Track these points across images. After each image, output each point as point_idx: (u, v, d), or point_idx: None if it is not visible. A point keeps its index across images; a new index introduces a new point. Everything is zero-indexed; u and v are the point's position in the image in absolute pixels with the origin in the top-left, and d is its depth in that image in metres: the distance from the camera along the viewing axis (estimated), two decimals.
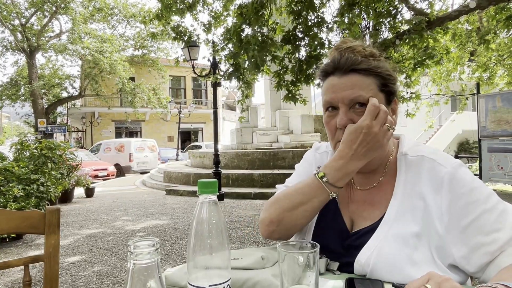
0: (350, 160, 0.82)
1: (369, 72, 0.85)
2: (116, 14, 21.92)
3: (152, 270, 0.45)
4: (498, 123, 7.19)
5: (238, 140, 11.56)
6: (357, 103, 0.84)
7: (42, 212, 1.12)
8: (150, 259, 0.45)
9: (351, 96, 0.84)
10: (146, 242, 0.45)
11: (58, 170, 6.41)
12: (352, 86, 0.84)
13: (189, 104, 25.33)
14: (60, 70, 22.91)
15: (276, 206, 0.91)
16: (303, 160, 1.10)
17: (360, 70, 0.85)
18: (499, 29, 7.47)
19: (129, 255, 0.44)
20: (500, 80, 10.13)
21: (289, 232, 0.91)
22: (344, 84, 0.85)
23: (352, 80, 0.85)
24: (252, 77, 5.66)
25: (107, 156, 17.27)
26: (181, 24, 6.93)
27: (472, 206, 0.76)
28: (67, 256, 4.04)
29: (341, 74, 0.86)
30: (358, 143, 0.80)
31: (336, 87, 0.86)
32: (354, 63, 0.85)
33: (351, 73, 0.85)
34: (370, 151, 0.81)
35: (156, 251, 0.45)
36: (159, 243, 0.45)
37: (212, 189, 0.60)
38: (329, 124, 0.89)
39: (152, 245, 0.45)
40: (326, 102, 0.88)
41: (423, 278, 0.59)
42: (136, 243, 0.45)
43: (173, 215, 6.21)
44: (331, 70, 0.88)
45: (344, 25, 5.22)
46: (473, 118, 8.85)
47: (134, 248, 0.44)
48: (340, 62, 0.86)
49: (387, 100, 0.88)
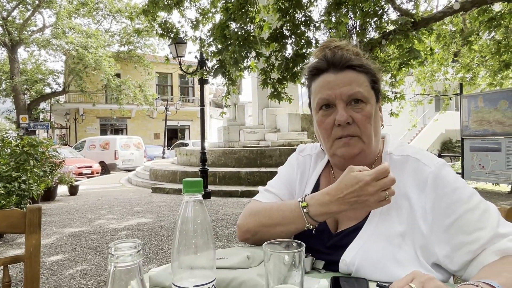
0: (335, 201, 0.80)
1: (363, 69, 0.86)
2: (101, 9, 21.53)
3: (134, 272, 0.44)
4: (480, 123, 7.35)
5: (225, 138, 11.52)
6: (354, 99, 0.84)
7: (22, 211, 1.09)
8: (131, 261, 0.43)
9: (349, 92, 0.84)
10: (128, 243, 0.44)
11: (41, 167, 6.26)
12: (349, 82, 0.84)
13: (176, 101, 25.14)
14: (43, 65, 22.45)
15: (255, 218, 0.91)
16: (287, 162, 1.09)
17: (355, 67, 0.86)
18: (482, 31, 7.65)
19: (109, 257, 0.42)
20: (482, 81, 10.36)
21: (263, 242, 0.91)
22: (341, 80, 0.85)
23: (349, 76, 0.85)
24: (238, 74, 5.65)
25: (91, 153, 16.99)
26: (168, 21, 6.85)
27: (455, 206, 0.77)
28: (50, 255, 3.96)
29: (336, 71, 0.86)
30: (350, 191, 0.77)
31: (332, 83, 0.86)
32: (349, 60, 0.86)
33: (347, 69, 0.86)
34: (356, 203, 0.78)
35: (138, 253, 0.44)
36: (141, 244, 0.44)
37: (197, 188, 0.59)
38: (324, 123, 0.87)
39: (134, 247, 0.44)
40: (322, 99, 0.87)
41: (407, 277, 0.59)
42: (117, 245, 0.44)
43: (159, 213, 6.16)
44: (325, 67, 0.87)
45: (331, 24, 5.24)
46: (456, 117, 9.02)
47: (115, 250, 0.43)
48: (335, 59, 0.86)
49: (377, 98, 0.89)
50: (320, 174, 1.00)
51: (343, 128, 0.85)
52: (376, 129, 0.88)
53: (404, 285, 0.57)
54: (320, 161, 1.03)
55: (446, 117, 14.71)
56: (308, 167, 1.03)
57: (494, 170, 7.04)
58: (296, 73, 5.15)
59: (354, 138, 0.85)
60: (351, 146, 0.86)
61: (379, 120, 0.91)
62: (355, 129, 0.85)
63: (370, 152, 0.89)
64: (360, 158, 0.88)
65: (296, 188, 1.03)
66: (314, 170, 1.02)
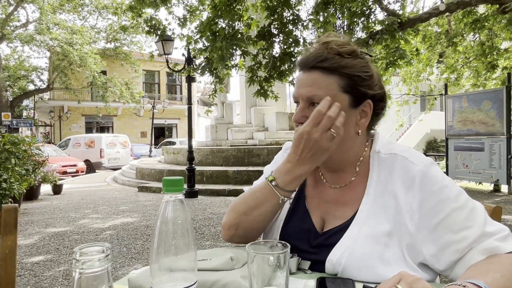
0: (296, 164, 0.81)
1: (331, 71, 0.82)
2: (87, 5, 21.10)
3: (102, 279, 0.41)
4: (464, 123, 7.49)
5: (213, 137, 11.46)
6: (315, 102, 0.83)
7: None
8: (99, 267, 0.40)
9: (307, 94, 0.83)
10: (95, 247, 0.41)
11: (23, 166, 6.11)
12: (311, 83, 0.83)
13: (163, 99, 24.92)
14: (27, 61, 21.93)
15: (234, 211, 0.91)
16: (272, 161, 1.08)
17: (323, 68, 0.83)
18: (466, 32, 7.78)
19: (74, 263, 0.39)
20: (466, 82, 10.55)
21: (248, 236, 0.91)
22: (305, 80, 0.85)
23: (312, 77, 0.83)
24: (225, 72, 5.62)
25: (76, 151, 16.68)
26: (154, 17, 6.76)
27: (443, 204, 0.76)
28: (31, 256, 3.86)
29: (306, 70, 0.85)
30: (302, 148, 0.79)
31: (299, 82, 0.86)
32: (317, 60, 0.83)
33: (313, 69, 0.84)
34: (315, 156, 0.79)
35: (106, 258, 0.40)
36: (110, 248, 0.41)
37: (177, 187, 0.57)
38: (295, 118, 0.88)
39: (102, 251, 0.41)
40: (293, 97, 0.89)
41: (394, 278, 0.58)
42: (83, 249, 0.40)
43: (145, 212, 6.08)
44: (300, 65, 0.88)
45: (319, 24, 5.25)
46: (441, 117, 9.17)
47: (81, 255, 0.39)
48: (306, 58, 0.85)
49: (354, 102, 0.84)
50: None
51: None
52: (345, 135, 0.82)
53: (391, 287, 0.57)
54: None
55: (431, 117, 14.95)
56: None
57: (477, 169, 7.18)
58: (283, 71, 5.15)
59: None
60: None
61: (350, 127, 0.85)
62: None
63: (336, 155, 0.85)
64: (329, 161, 0.86)
65: None
66: None
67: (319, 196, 0.93)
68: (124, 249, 4.00)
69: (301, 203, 0.94)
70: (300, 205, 0.94)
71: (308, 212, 0.92)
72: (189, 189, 7.44)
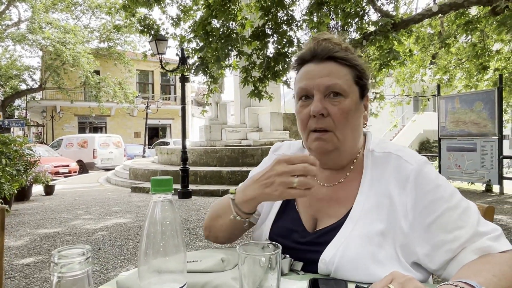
0: (252, 185, 0.79)
1: (346, 62, 0.84)
2: (80, 4, 20.94)
3: (82, 283, 0.39)
4: (456, 124, 7.55)
5: (207, 137, 11.43)
6: (332, 92, 0.82)
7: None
8: (79, 270, 0.39)
9: (327, 83, 0.82)
10: (75, 250, 0.39)
11: (14, 166, 6.03)
12: (328, 73, 0.82)
13: (157, 99, 24.80)
14: (19, 60, 21.73)
15: (208, 214, 0.94)
16: (260, 164, 1.07)
17: (338, 59, 0.84)
18: (459, 34, 7.85)
19: (52, 267, 0.37)
20: (458, 83, 10.65)
21: (220, 239, 0.93)
22: (320, 71, 0.83)
23: (329, 67, 0.83)
24: (219, 71, 5.60)
25: (69, 152, 16.54)
26: (148, 17, 6.73)
27: (437, 204, 0.76)
28: (22, 257, 3.81)
29: (318, 61, 0.84)
30: (265, 172, 0.76)
31: (312, 73, 0.84)
32: (332, 51, 0.84)
33: (328, 60, 0.84)
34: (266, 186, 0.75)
35: (87, 261, 0.39)
36: (90, 251, 0.40)
37: (166, 187, 0.56)
38: (301, 113, 0.85)
39: (82, 254, 0.39)
40: (301, 89, 0.85)
41: (386, 278, 0.58)
42: (62, 252, 0.39)
43: (138, 213, 6.03)
44: (308, 58, 0.86)
45: (313, 24, 5.26)
46: (434, 118, 9.23)
47: (59, 258, 0.38)
48: (317, 50, 0.85)
49: (361, 94, 0.87)
50: None
51: (318, 120, 0.82)
52: (354, 126, 0.85)
53: (383, 287, 0.57)
54: None
55: (424, 118, 15.06)
56: None
57: (469, 170, 7.24)
58: (277, 72, 5.15)
59: (328, 133, 0.83)
60: (323, 141, 0.83)
61: (361, 118, 0.88)
62: (330, 123, 0.82)
63: (345, 150, 0.86)
64: (334, 155, 0.86)
65: None
66: None
67: (311, 195, 0.92)
68: (116, 250, 3.97)
69: (291, 204, 0.93)
70: (290, 206, 0.93)
71: (298, 212, 0.91)
72: (183, 190, 7.41)
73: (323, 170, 0.92)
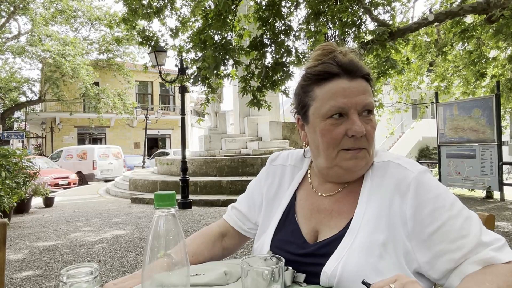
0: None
1: (369, 78, 0.84)
2: (79, 17, 21.14)
3: None
4: (455, 130, 7.57)
5: (206, 147, 11.43)
6: (367, 110, 0.82)
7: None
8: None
9: (364, 101, 0.80)
10: (83, 269, 0.40)
11: (13, 178, 6.02)
12: (363, 91, 0.81)
13: (156, 110, 24.85)
14: (18, 73, 21.85)
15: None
16: (258, 176, 1.07)
17: (365, 75, 0.83)
18: (455, 42, 7.92)
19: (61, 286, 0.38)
20: (456, 90, 10.71)
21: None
22: (356, 88, 0.80)
23: (363, 85, 0.82)
24: (218, 81, 5.64)
25: (68, 163, 16.51)
26: (147, 29, 6.80)
27: (438, 213, 0.75)
28: (22, 270, 3.78)
29: (351, 78, 0.81)
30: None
31: (348, 91, 0.80)
32: (362, 68, 0.82)
33: (359, 78, 0.82)
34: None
35: (95, 279, 0.39)
36: (98, 269, 0.40)
37: (169, 202, 0.56)
38: (333, 132, 0.81)
39: (90, 273, 0.39)
40: (336, 107, 0.81)
41: (390, 278, 0.60)
42: (70, 271, 0.39)
43: (138, 224, 6.00)
44: (337, 72, 0.81)
45: (310, 33, 5.31)
46: (433, 125, 9.26)
47: (68, 277, 0.38)
48: (349, 65, 0.81)
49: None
50: (297, 187, 0.97)
51: (356, 140, 0.80)
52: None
53: (385, 285, 0.58)
54: (298, 172, 1.00)
55: (423, 125, 15.12)
56: (282, 178, 1.01)
57: (469, 176, 7.24)
58: (276, 81, 5.18)
59: (362, 150, 0.82)
60: (359, 159, 0.82)
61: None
62: (365, 141, 0.81)
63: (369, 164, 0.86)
64: (362, 172, 0.86)
65: (263, 200, 1.00)
66: (291, 182, 0.99)
67: (312, 207, 0.91)
68: (117, 263, 3.94)
69: (291, 216, 0.92)
70: (290, 218, 0.92)
71: (298, 225, 0.90)
72: (183, 200, 7.39)
73: (325, 183, 0.92)
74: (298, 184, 0.98)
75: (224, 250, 1.04)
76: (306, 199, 0.93)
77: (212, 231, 1.05)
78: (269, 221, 0.96)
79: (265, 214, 0.97)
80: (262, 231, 0.96)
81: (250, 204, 1.03)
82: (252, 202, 1.03)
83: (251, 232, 1.03)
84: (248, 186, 1.07)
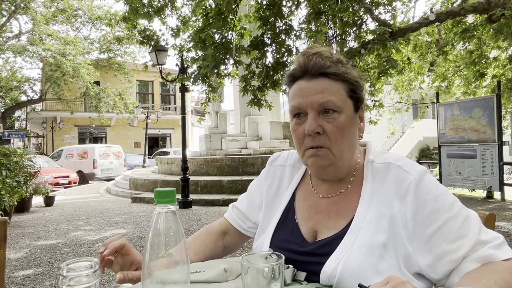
0: None
1: (338, 77, 0.83)
2: (80, 16, 21.14)
3: None
4: (456, 130, 7.56)
5: (207, 146, 11.43)
6: (326, 109, 0.81)
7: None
8: (87, 283, 0.39)
9: (320, 100, 0.80)
10: (83, 263, 0.40)
11: (14, 177, 6.03)
12: (321, 90, 0.81)
13: (156, 109, 24.86)
14: (19, 72, 21.85)
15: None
16: (259, 176, 1.07)
17: (330, 74, 0.82)
18: (456, 41, 7.92)
19: (61, 280, 0.38)
20: (457, 90, 10.69)
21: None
22: (313, 88, 0.82)
23: (321, 84, 0.82)
24: (218, 80, 5.64)
25: (69, 162, 16.53)
26: (148, 28, 6.80)
27: (437, 213, 0.75)
28: (22, 269, 3.78)
29: (309, 78, 0.83)
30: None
31: (304, 91, 0.82)
32: (323, 67, 0.82)
33: (320, 77, 0.82)
34: None
35: (95, 273, 0.39)
36: (97, 263, 0.40)
37: (169, 198, 0.56)
38: (296, 131, 0.84)
39: (90, 267, 0.39)
40: (294, 107, 0.84)
41: (382, 281, 0.60)
42: (70, 265, 0.39)
43: (139, 223, 6.01)
44: (299, 74, 0.84)
45: (311, 33, 5.31)
46: (433, 125, 9.26)
47: (68, 271, 0.38)
48: (308, 66, 0.83)
49: (355, 107, 0.86)
50: (297, 186, 0.98)
51: (313, 138, 0.81)
52: (350, 140, 0.85)
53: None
54: (297, 172, 1.00)
55: (423, 125, 15.10)
56: (282, 179, 1.01)
57: (470, 176, 7.23)
58: (276, 80, 5.18)
59: (323, 149, 0.82)
60: (319, 157, 0.83)
61: (357, 131, 0.87)
62: (325, 140, 0.81)
63: (343, 164, 0.86)
64: (331, 170, 0.86)
65: (262, 200, 1.01)
66: (290, 182, 0.99)
67: (310, 208, 0.91)
68: None
69: (290, 216, 0.93)
70: (290, 218, 0.92)
71: (298, 224, 0.90)
72: (183, 199, 7.39)
73: (322, 182, 0.92)
74: (297, 183, 0.98)
75: (225, 248, 1.04)
76: (304, 200, 0.94)
77: (214, 229, 1.05)
78: (268, 220, 0.96)
79: (265, 214, 0.97)
80: (262, 231, 0.96)
81: (250, 204, 1.03)
82: (252, 201, 1.03)
83: (251, 231, 1.03)
84: (249, 186, 1.08)
